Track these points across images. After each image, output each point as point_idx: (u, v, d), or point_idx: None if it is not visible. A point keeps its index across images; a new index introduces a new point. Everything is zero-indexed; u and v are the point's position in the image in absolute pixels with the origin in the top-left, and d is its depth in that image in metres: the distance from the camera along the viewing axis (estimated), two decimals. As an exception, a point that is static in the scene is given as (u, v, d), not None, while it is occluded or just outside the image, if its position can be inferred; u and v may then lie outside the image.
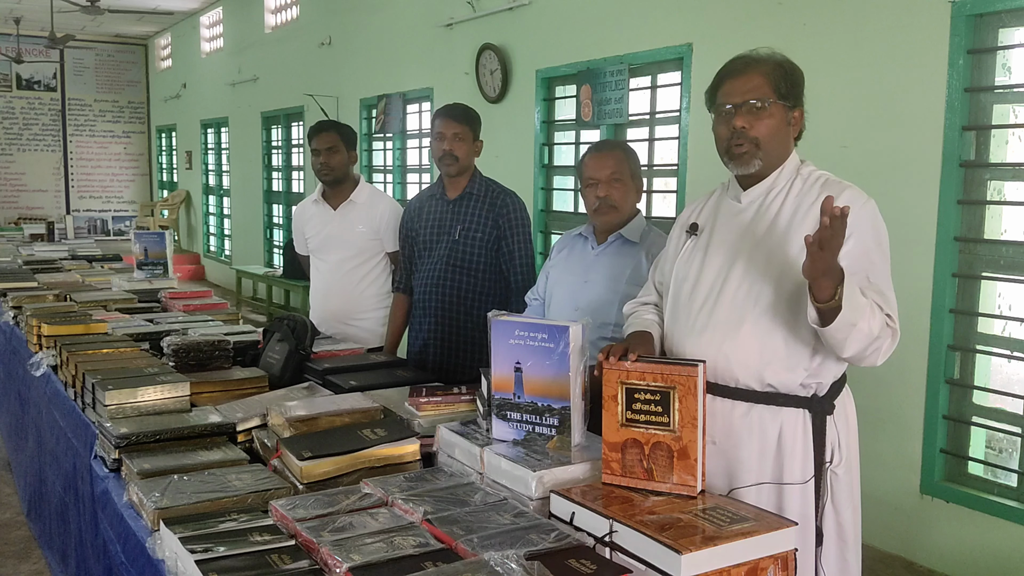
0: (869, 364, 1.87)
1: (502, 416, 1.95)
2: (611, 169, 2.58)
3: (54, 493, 2.93)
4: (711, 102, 2.03)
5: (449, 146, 3.13)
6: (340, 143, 3.58)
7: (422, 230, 3.28)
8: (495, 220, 3.15)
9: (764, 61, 1.97)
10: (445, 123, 3.15)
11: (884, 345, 1.83)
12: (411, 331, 3.39)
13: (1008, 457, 3.69)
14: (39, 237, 7.48)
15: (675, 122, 4.83)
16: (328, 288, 3.68)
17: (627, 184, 2.61)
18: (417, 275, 3.31)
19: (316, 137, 3.59)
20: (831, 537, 1.97)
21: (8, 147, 14.03)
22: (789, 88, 1.96)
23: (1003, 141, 3.41)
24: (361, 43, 8.05)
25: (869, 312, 1.78)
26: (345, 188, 3.65)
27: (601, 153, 2.63)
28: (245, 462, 2.00)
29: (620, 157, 2.62)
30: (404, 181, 7.73)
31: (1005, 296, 3.53)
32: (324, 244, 3.68)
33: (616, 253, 2.64)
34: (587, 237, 2.72)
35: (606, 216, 2.61)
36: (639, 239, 2.63)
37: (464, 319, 3.18)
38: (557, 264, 2.78)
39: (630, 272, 2.59)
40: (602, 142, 2.80)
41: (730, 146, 1.96)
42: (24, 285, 4.43)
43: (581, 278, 2.67)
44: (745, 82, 1.95)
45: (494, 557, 1.37)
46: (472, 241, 3.15)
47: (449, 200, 3.22)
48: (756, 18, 4.24)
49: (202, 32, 12.63)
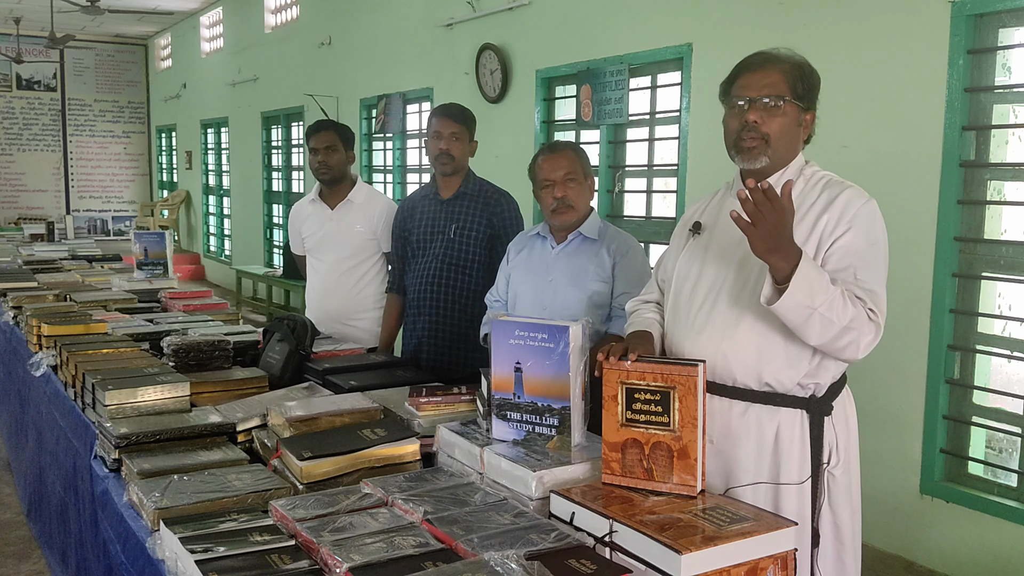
0: (849, 357, 1.86)
1: (502, 416, 1.95)
2: (565, 169, 2.63)
3: (54, 493, 2.94)
4: (725, 94, 2.02)
5: (446, 145, 3.14)
6: (338, 142, 3.59)
7: (415, 230, 3.28)
8: (489, 219, 3.17)
9: (784, 59, 1.97)
10: (442, 122, 3.16)
11: (864, 339, 1.81)
12: (405, 330, 3.39)
13: (1008, 457, 3.69)
14: (39, 237, 7.48)
15: (675, 122, 4.83)
16: (325, 288, 3.68)
17: (581, 183, 2.67)
18: (410, 274, 3.31)
19: (314, 136, 3.60)
20: (828, 538, 1.97)
21: (8, 147, 14.03)
22: (805, 90, 1.96)
23: (1003, 141, 3.41)
24: (361, 43, 8.05)
25: (840, 300, 1.77)
26: (343, 188, 3.65)
27: (554, 154, 2.67)
28: (245, 462, 2.00)
29: (572, 157, 2.66)
30: (404, 181, 7.73)
31: (1005, 296, 3.53)
32: (321, 244, 3.69)
33: (577, 251, 2.69)
34: (545, 237, 2.77)
35: (564, 216, 2.66)
36: (598, 235, 2.69)
37: (459, 317, 3.18)
38: (518, 265, 2.82)
39: (593, 268, 2.65)
40: (554, 143, 2.84)
41: (739, 139, 1.96)
42: (24, 285, 4.43)
43: (544, 277, 2.71)
44: (762, 77, 1.94)
45: (494, 557, 1.37)
46: (467, 240, 3.16)
47: (443, 200, 3.22)
48: (756, 18, 4.24)
49: (202, 32, 12.63)
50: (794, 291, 1.73)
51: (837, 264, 1.87)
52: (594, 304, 2.63)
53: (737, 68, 2.01)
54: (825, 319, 1.76)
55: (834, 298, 1.77)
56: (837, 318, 1.77)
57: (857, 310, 1.80)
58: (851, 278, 1.85)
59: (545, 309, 2.65)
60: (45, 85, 14.22)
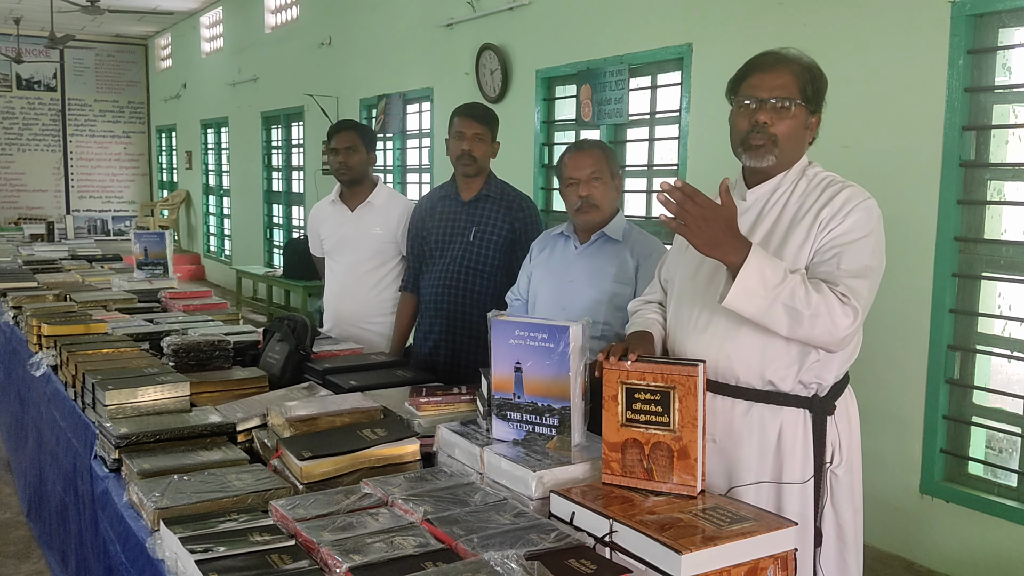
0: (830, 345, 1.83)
1: (502, 416, 1.95)
2: (591, 168, 2.59)
3: (54, 493, 2.93)
4: (733, 92, 2.01)
5: (469, 146, 3.09)
6: (360, 143, 3.51)
7: (434, 230, 3.22)
8: (511, 223, 3.12)
9: (794, 61, 1.97)
10: (466, 123, 3.10)
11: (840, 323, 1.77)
12: (419, 332, 3.33)
13: (1008, 457, 3.69)
14: (39, 237, 7.48)
15: (675, 122, 4.83)
16: (342, 290, 3.60)
17: (607, 183, 2.62)
18: (427, 276, 3.25)
19: (336, 136, 3.52)
20: (830, 538, 1.97)
21: (8, 147, 14.03)
22: (814, 93, 1.96)
23: (1003, 141, 3.41)
24: (361, 43, 8.05)
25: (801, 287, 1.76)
26: (363, 189, 3.58)
27: (580, 152, 2.63)
28: (245, 462, 2.00)
29: (599, 156, 2.61)
30: (404, 181, 7.73)
31: (1005, 296, 3.53)
32: (339, 245, 3.61)
33: (599, 252, 2.65)
34: (568, 236, 2.73)
35: (588, 215, 2.61)
36: (622, 237, 2.64)
37: (477, 321, 3.11)
38: (539, 264, 2.78)
39: (615, 270, 2.60)
40: (581, 141, 2.80)
41: (747, 138, 1.96)
42: (24, 285, 4.42)
43: (565, 277, 2.67)
44: (774, 78, 1.94)
45: (494, 557, 1.37)
46: (487, 243, 3.12)
47: (463, 201, 3.18)
48: (756, 18, 4.24)
49: (202, 32, 12.63)
50: (744, 280, 1.74)
51: (823, 254, 1.87)
52: (615, 306, 2.58)
53: (747, 67, 2.00)
54: (788, 307, 1.76)
55: (794, 285, 1.76)
56: (801, 305, 1.76)
57: (823, 295, 1.78)
58: (834, 267, 1.84)
59: (564, 309, 2.60)
60: (45, 85, 14.22)
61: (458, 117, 3.14)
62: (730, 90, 2.02)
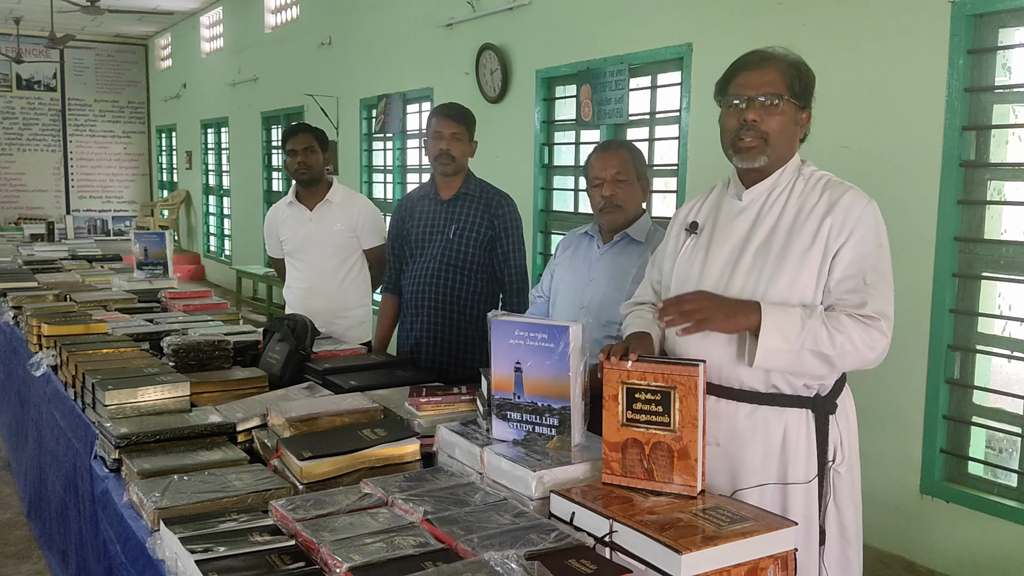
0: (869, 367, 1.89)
1: (502, 416, 1.95)
2: (616, 168, 2.59)
3: (54, 493, 2.93)
4: (721, 93, 2.02)
5: (446, 145, 3.13)
6: (316, 144, 3.72)
7: (414, 229, 3.27)
8: (490, 221, 3.16)
9: (780, 58, 1.97)
10: (442, 122, 3.15)
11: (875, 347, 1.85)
12: (401, 329, 3.38)
13: (1008, 457, 3.69)
14: (39, 237, 7.48)
15: (675, 122, 4.83)
16: (311, 288, 3.76)
17: (632, 183, 2.61)
18: (408, 274, 3.30)
19: (292, 139, 3.71)
20: (834, 536, 1.98)
21: (8, 147, 14.03)
22: (802, 88, 1.97)
23: (1003, 141, 3.41)
24: (361, 43, 8.05)
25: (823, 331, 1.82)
26: (320, 189, 3.77)
27: (607, 152, 2.63)
28: (245, 462, 2.00)
29: (625, 156, 2.61)
30: (404, 181, 7.73)
31: (1005, 296, 3.53)
32: (302, 245, 3.76)
33: (622, 252, 2.64)
34: (593, 236, 2.73)
35: (611, 215, 2.61)
36: (645, 238, 2.63)
37: (458, 317, 3.18)
38: (562, 262, 2.79)
39: (636, 271, 2.58)
40: (608, 141, 2.80)
41: (737, 139, 1.96)
42: (24, 285, 4.43)
43: (586, 277, 2.67)
44: (760, 76, 1.94)
45: (494, 557, 1.37)
46: (467, 241, 3.16)
47: (443, 200, 3.22)
48: (756, 18, 4.24)
49: (202, 32, 12.63)
50: (766, 341, 1.79)
51: (846, 271, 1.88)
52: None
53: (733, 67, 2.00)
54: (815, 353, 1.82)
55: (815, 329, 1.81)
56: (826, 348, 1.81)
57: (845, 333, 1.82)
58: (860, 284, 1.86)
59: (583, 309, 2.61)
60: (45, 85, 14.22)
61: (435, 117, 3.19)
62: (718, 92, 2.03)
